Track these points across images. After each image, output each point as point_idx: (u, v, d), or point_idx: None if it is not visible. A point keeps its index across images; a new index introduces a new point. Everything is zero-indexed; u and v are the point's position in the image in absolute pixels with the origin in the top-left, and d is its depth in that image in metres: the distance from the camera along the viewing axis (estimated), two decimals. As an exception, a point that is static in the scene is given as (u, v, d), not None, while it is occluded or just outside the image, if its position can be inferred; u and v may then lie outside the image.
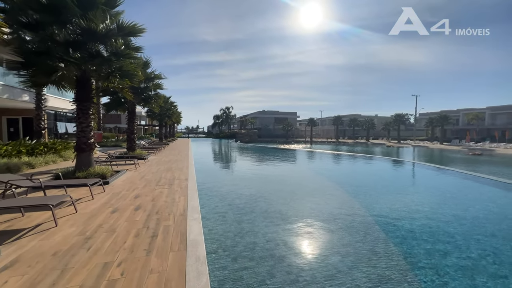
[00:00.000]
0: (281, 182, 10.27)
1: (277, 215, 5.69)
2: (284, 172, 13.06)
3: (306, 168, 15.59)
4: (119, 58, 7.20)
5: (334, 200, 7.39)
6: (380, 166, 15.98)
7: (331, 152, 25.90)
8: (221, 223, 5.11)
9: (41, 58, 6.42)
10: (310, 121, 57.29)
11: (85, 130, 7.26)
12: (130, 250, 2.95)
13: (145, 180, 7.16)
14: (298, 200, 7.32)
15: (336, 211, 6.16)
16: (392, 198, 7.63)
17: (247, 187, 8.86)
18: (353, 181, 11.03)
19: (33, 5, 6.15)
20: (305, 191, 8.82)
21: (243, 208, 6.14)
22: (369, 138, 53.78)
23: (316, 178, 11.81)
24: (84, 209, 4.48)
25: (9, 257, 2.74)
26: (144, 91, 13.90)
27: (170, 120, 34.03)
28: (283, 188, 8.94)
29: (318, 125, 70.03)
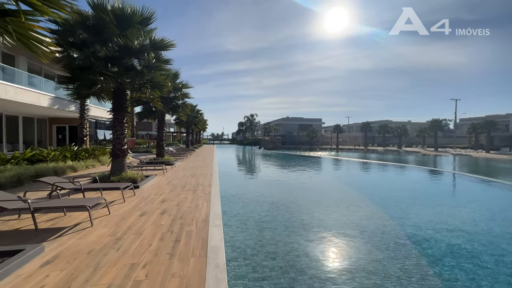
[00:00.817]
0: (304, 191, 10.03)
1: (299, 225, 5.56)
2: (308, 180, 12.76)
3: (331, 176, 15.05)
4: (150, 70, 7.76)
5: (361, 212, 6.99)
6: (414, 176, 14.82)
7: (358, 160, 24.73)
8: (242, 231, 5.13)
9: (85, 73, 7.18)
10: (336, 128, 55.54)
11: (120, 137, 7.87)
12: (155, 253, 3.08)
13: (172, 185, 7.49)
14: (322, 210, 7.07)
15: (363, 224, 5.82)
16: (428, 212, 6.99)
17: (269, 195, 8.82)
18: (383, 191, 10.36)
19: (80, 27, 6.95)
20: (329, 200, 8.50)
21: (264, 216, 6.10)
22: (401, 145, 50.38)
23: (342, 187, 11.33)
24: (116, 211, 4.81)
25: (51, 252, 3.03)
26: (172, 100, 14.72)
27: (197, 127, 35.41)
28: (306, 197, 8.72)
29: (344, 131, 67.55)
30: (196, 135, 44.66)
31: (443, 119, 47.03)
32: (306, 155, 30.76)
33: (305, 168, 18.23)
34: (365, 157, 28.61)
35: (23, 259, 2.72)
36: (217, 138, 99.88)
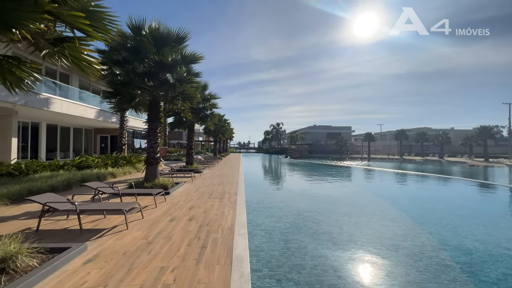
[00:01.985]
0: (333, 202, 9.60)
1: (327, 238, 5.30)
2: (337, 191, 12.21)
3: (363, 188, 14.21)
4: (182, 83, 8.29)
5: (397, 227, 6.44)
6: (460, 189, 13.30)
7: (393, 170, 23.03)
8: (267, 241, 5.05)
9: (125, 87, 7.93)
10: (367, 136, 52.70)
11: (153, 146, 8.44)
12: (183, 258, 3.18)
13: (199, 193, 7.74)
14: (352, 223, 6.68)
15: (399, 240, 5.35)
16: (478, 232, 6.18)
17: (295, 205, 8.60)
18: (422, 206, 9.45)
19: (122, 47, 7.75)
20: (360, 213, 7.99)
21: (290, 227, 5.95)
22: (443, 155, 45.83)
23: (375, 199, 10.61)
24: (149, 215, 5.11)
25: (93, 251, 3.32)
26: (201, 110, 15.43)
27: (224, 136, 36.47)
28: (335, 209, 8.33)
29: (376, 140, 63.81)
30: (223, 143, 45.90)
31: (494, 125, 41.88)
32: (334, 165, 29.56)
33: (333, 178, 17.50)
34: (401, 168, 26.54)
35: (69, 256, 3.01)
36: (244, 147, 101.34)
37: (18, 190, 6.14)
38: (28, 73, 3.45)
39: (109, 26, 3.45)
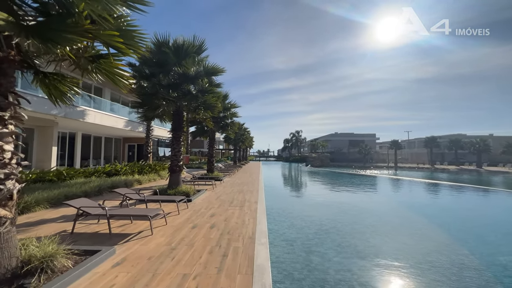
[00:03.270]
0: (357, 213, 9.13)
1: (352, 251, 5.02)
2: (362, 202, 11.62)
3: (390, 198, 13.38)
4: (204, 94, 8.60)
5: (431, 242, 5.93)
6: (505, 202, 11.98)
7: (423, 180, 21.48)
8: (289, 252, 4.91)
9: (151, 98, 8.40)
10: (393, 144, 50.04)
11: (177, 154, 8.76)
12: (204, 266, 3.19)
13: (220, 200, 7.81)
14: (379, 236, 6.27)
15: (432, 256, 4.90)
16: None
17: (317, 216, 8.31)
18: (459, 220, 8.64)
19: (149, 62, 8.28)
20: (388, 226, 7.50)
21: (312, 239, 5.74)
22: (481, 164, 41.90)
23: (404, 211, 9.91)
24: (172, 222, 5.24)
25: (120, 255, 3.46)
26: (222, 119, 15.80)
27: (244, 144, 36.81)
28: (360, 220, 7.90)
29: (404, 148, 60.32)
30: (243, 152, 46.28)
31: (541, 131, 37.55)
32: (358, 174, 28.31)
33: (358, 188, 16.73)
34: (433, 177, 24.67)
35: (99, 259, 3.17)
36: (263, 155, 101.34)
37: (57, 195, 6.66)
38: (69, 88, 3.81)
39: (139, 43, 3.71)
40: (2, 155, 2.55)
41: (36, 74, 3.48)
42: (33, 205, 5.91)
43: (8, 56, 2.67)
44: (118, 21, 3.34)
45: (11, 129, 2.67)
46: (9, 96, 2.66)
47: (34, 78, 3.53)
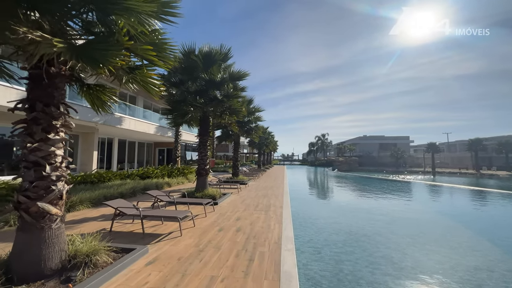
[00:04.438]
0: (391, 222, 8.52)
1: (386, 262, 4.67)
2: (395, 209, 10.83)
3: (428, 206, 12.28)
4: (229, 99, 8.81)
5: (479, 258, 5.29)
6: None
7: (467, 187, 19.40)
8: (317, 259, 4.73)
9: (180, 105, 8.82)
10: (430, 146, 45.95)
11: (203, 158, 9.04)
12: (231, 269, 3.22)
13: (245, 204, 7.85)
14: (417, 248, 5.76)
15: (482, 274, 4.36)
16: None
17: (346, 223, 7.93)
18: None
19: (179, 69, 8.73)
20: (427, 236, 6.86)
21: (342, 247, 5.47)
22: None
23: (445, 221, 9.02)
24: (199, 224, 5.39)
25: (153, 254, 3.64)
26: (247, 124, 15.99)
27: (268, 148, 36.79)
28: (394, 229, 7.36)
29: (442, 151, 55.27)
30: (267, 156, 46.23)
31: None
32: (390, 179, 26.52)
33: (390, 194, 15.68)
34: (478, 184, 22.17)
35: (134, 257, 3.36)
36: (287, 159, 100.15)
37: (97, 195, 7.27)
38: (109, 97, 4.17)
39: (170, 55, 3.94)
40: (54, 159, 2.86)
41: (81, 86, 3.87)
42: (77, 204, 6.52)
43: (60, 71, 3.00)
44: (152, 35, 3.59)
45: (62, 136, 2.99)
46: (60, 106, 2.98)
47: (80, 89, 3.92)
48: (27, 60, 2.83)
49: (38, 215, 2.70)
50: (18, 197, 2.70)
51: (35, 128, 2.77)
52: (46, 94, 2.86)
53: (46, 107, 2.83)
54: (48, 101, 2.86)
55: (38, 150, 2.76)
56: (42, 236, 2.71)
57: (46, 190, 2.76)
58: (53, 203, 2.81)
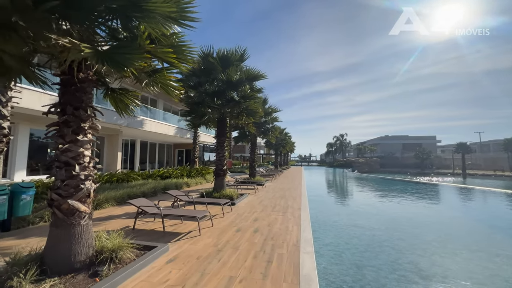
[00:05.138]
0: (416, 226, 8.03)
1: (412, 269, 4.40)
2: (421, 214, 10.21)
3: (458, 211, 11.44)
4: (246, 100, 8.85)
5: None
6: None
7: (505, 191, 17.81)
8: (337, 263, 4.57)
9: (198, 107, 9.01)
10: (459, 147, 42.76)
11: (221, 159, 9.15)
12: (249, 270, 3.20)
13: (263, 205, 7.82)
14: (447, 255, 5.36)
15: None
16: None
17: (368, 226, 7.59)
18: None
19: (197, 72, 8.93)
20: (458, 243, 6.37)
21: (364, 251, 5.23)
22: None
23: (478, 227, 8.34)
24: (217, 224, 5.44)
25: (173, 252, 3.72)
26: (263, 124, 15.98)
27: (285, 149, 36.48)
28: (420, 235, 6.92)
29: (474, 151, 51.30)
30: (284, 156, 45.86)
31: None
32: (414, 181, 25.11)
33: (415, 197, 14.83)
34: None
35: (156, 255, 3.46)
36: (305, 160, 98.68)
37: (121, 194, 7.62)
38: (131, 100, 4.35)
39: (188, 56, 4.03)
40: (82, 159, 3.03)
41: (106, 90, 4.08)
42: (103, 202, 6.88)
43: (88, 76, 3.18)
44: (171, 39, 3.70)
45: (89, 138, 3.15)
46: (88, 109, 3.15)
47: (105, 93, 4.13)
48: (59, 67, 3.02)
49: (69, 212, 2.86)
50: (51, 194, 2.89)
51: (66, 130, 2.95)
52: (75, 98, 3.03)
53: (75, 110, 3.00)
54: (77, 104, 3.03)
55: (69, 150, 2.94)
56: (72, 232, 2.88)
57: (75, 189, 2.92)
58: (81, 201, 2.97)
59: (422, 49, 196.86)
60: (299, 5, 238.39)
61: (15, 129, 9.73)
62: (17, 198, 4.60)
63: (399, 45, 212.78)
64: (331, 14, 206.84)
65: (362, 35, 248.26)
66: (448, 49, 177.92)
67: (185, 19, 3.38)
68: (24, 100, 7.63)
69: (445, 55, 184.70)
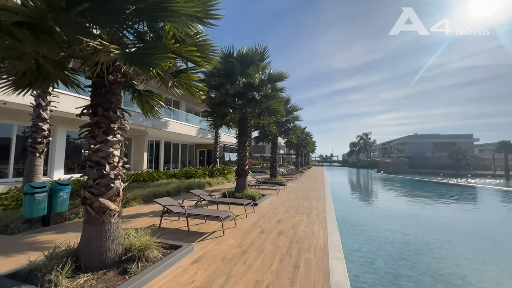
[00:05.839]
0: (457, 233, 7.31)
1: (459, 282, 3.95)
2: (461, 219, 9.30)
3: (506, 217, 10.26)
4: (267, 99, 8.72)
5: None
6: None
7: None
8: (370, 271, 4.26)
9: (220, 107, 9.05)
10: (502, 145, 38.77)
11: (242, 159, 9.11)
12: (276, 275, 3.06)
13: (285, 206, 7.63)
14: (499, 267, 4.76)
15: None
16: None
17: (400, 231, 7.05)
18: None
19: (218, 73, 8.98)
20: (510, 253, 5.66)
21: (399, 259, 4.83)
22: None
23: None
24: (240, 225, 5.37)
25: (198, 253, 3.70)
26: (284, 124, 15.73)
27: (305, 149, 35.73)
28: (463, 243, 6.27)
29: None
30: (305, 156, 44.96)
31: None
32: (448, 183, 23.16)
33: (451, 200, 13.62)
34: None
35: (181, 254, 3.46)
36: (326, 160, 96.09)
37: (148, 193, 7.89)
38: (156, 102, 4.43)
39: (211, 55, 4.01)
40: (112, 159, 3.11)
41: (133, 92, 4.19)
42: (131, 200, 7.15)
43: (117, 78, 3.26)
44: (194, 38, 3.69)
45: (118, 138, 3.23)
46: (117, 111, 3.23)
47: (132, 95, 4.24)
48: (91, 70, 3.14)
49: (100, 210, 2.94)
50: (84, 193, 2.99)
51: (97, 130, 3.05)
52: (105, 100, 3.12)
53: (105, 112, 3.09)
54: (107, 106, 3.12)
55: (100, 150, 3.02)
56: (103, 229, 2.95)
57: (106, 187, 3.00)
58: (112, 199, 3.05)
59: (452, 41, 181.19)
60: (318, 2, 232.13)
61: (54, 131, 10.54)
62: (55, 195, 4.91)
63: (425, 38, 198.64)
64: (351, 9, 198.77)
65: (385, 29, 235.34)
66: (483, 40, 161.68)
67: (208, 17, 3.34)
68: (61, 104, 8.21)
69: (481, 46, 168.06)
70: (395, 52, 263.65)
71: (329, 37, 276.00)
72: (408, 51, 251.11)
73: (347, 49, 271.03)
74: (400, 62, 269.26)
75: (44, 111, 6.47)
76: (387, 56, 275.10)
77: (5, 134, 9.18)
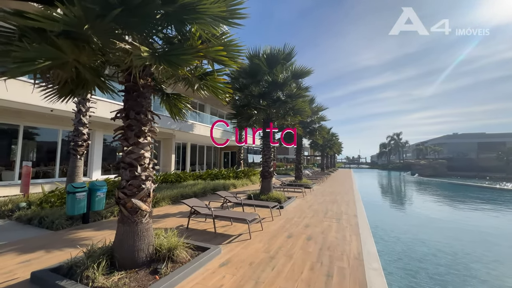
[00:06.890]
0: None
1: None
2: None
3: None
4: (292, 99, 8.51)
5: None
6: None
7: None
8: (411, 285, 3.84)
9: (244, 109, 9.05)
10: (562, 145, 33.76)
11: (267, 160, 8.99)
12: (307, 284, 2.87)
13: (313, 210, 7.33)
14: None
15: None
16: None
17: (445, 241, 6.34)
18: None
19: (243, 74, 8.99)
20: None
21: (446, 273, 4.31)
22: None
23: None
24: (267, 228, 5.24)
25: (225, 256, 3.65)
26: (309, 124, 15.30)
27: (332, 150, 34.48)
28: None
29: None
30: (331, 158, 43.43)
31: None
32: (499, 188, 20.56)
33: (504, 208, 12.06)
34: None
35: (209, 257, 3.43)
36: (353, 162, 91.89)
37: (175, 193, 8.13)
38: (184, 105, 4.51)
39: (237, 55, 3.97)
40: (143, 160, 3.19)
41: (162, 95, 4.30)
42: (160, 200, 7.42)
43: (147, 82, 3.35)
44: (220, 39, 3.68)
45: (149, 140, 3.31)
46: (148, 114, 3.32)
47: (161, 99, 4.36)
48: (124, 75, 3.27)
49: (132, 210, 3.02)
50: (118, 193, 3.10)
51: (129, 133, 3.15)
52: (136, 104, 3.22)
53: (137, 115, 3.19)
54: (139, 109, 3.21)
55: (132, 152, 3.12)
56: (135, 229, 3.03)
57: (138, 188, 3.08)
58: (143, 200, 3.12)
59: (504, 29, 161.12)
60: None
61: (92, 135, 11.42)
62: (93, 194, 5.25)
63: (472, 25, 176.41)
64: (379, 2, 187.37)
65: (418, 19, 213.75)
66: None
67: (234, 17, 3.29)
68: (98, 109, 8.86)
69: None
70: (431, 45, 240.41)
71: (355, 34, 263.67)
72: (446, 44, 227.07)
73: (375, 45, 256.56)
74: (434, 55, 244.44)
75: (84, 117, 7.00)
76: (420, 50, 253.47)
77: (52, 138, 10.16)
